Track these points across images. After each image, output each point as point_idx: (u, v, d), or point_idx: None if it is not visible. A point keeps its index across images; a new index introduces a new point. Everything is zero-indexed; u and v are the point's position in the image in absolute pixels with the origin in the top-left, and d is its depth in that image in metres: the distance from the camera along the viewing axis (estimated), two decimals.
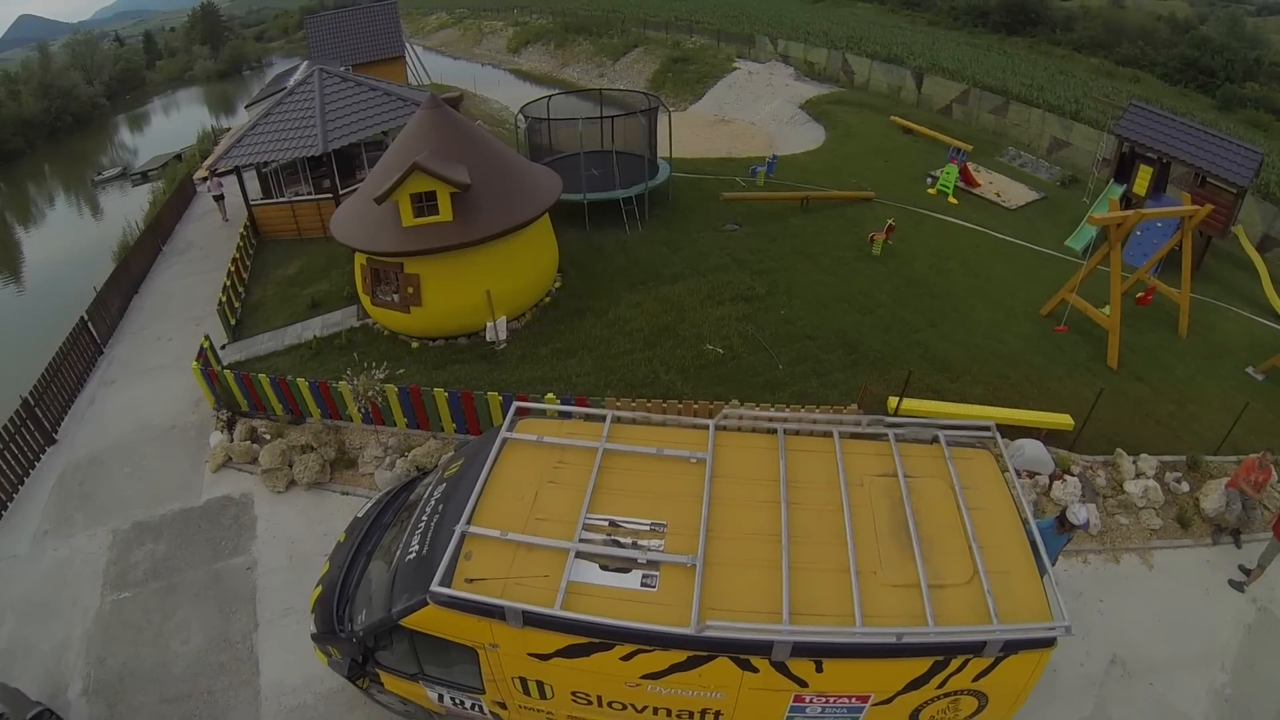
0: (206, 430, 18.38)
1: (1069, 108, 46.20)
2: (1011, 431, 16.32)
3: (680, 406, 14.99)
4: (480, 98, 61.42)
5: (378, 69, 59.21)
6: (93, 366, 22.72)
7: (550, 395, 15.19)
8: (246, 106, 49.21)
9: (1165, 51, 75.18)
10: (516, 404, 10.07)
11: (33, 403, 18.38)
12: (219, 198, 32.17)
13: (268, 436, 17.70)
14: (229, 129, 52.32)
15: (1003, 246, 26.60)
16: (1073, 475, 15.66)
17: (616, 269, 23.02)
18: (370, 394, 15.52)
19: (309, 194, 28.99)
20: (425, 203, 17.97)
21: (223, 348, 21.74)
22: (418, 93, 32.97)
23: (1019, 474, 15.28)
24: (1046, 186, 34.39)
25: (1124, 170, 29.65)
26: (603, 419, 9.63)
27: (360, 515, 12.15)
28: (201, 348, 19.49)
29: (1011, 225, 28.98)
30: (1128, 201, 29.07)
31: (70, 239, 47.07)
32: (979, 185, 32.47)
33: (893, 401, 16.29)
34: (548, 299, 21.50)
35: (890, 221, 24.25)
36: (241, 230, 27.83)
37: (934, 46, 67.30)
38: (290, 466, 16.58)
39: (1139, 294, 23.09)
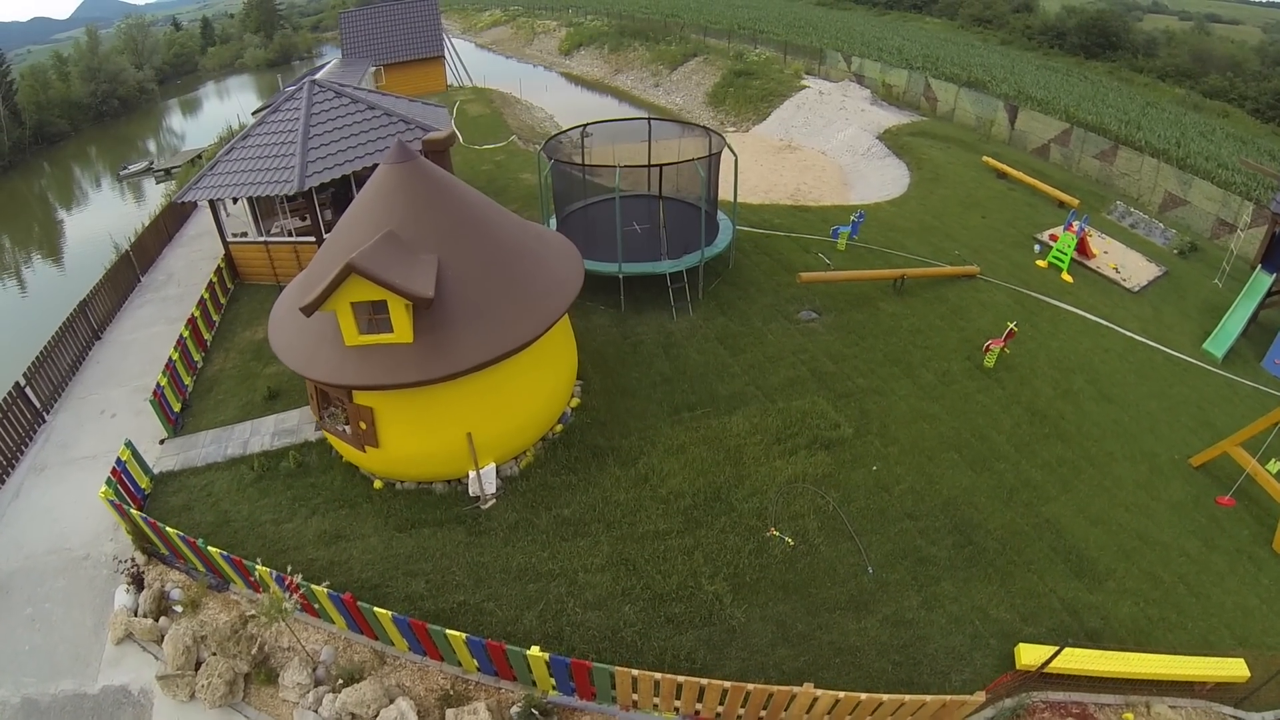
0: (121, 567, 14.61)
1: (1174, 153, 40.14)
2: (1175, 689, 12.09)
3: (728, 688, 9.99)
4: (524, 104, 57.22)
5: (414, 69, 55.74)
6: (29, 441, 18.99)
7: (535, 650, 10.32)
8: (253, 113, 45.40)
9: (1256, 85, 69.09)
10: None
11: None
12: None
13: (179, 609, 13.63)
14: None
15: (1133, 350, 21.29)
16: None
17: (655, 380, 17.82)
18: (275, 616, 10.88)
19: (289, 232, 24.25)
20: (374, 315, 12.71)
21: (161, 443, 17.91)
22: (433, 109, 28.35)
23: None
24: (1164, 256, 28.85)
25: (1275, 255, 24.13)
26: None
27: None
28: (119, 461, 15.48)
29: (1137, 315, 23.61)
30: (1271, 293, 23.87)
31: (85, 235, 45.99)
32: (1094, 255, 27.06)
33: (1024, 653, 11.41)
34: (559, 427, 16.29)
35: (1011, 326, 19.01)
36: (212, 276, 23.37)
37: (1015, 70, 61.08)
38: (196, 669, 12.26)
39: None
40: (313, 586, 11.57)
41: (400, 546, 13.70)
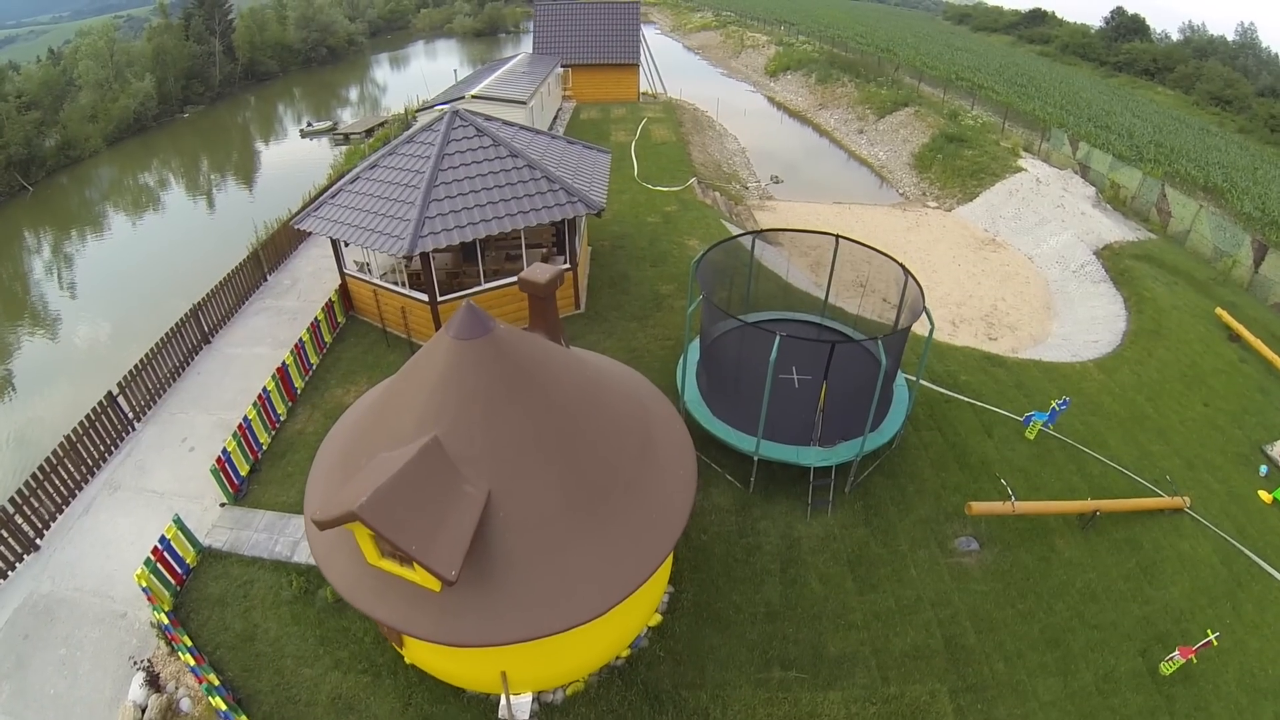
0: (152, 642, 13.65)
1: None
2: None
3: None
4: (716, 130, 54.28)
5: (605, 74, 53.93)
6: (113, 450, 18.40)
7: None
8: (417, 111, 44.09)
9: None
10: None
11: (12, 510, 14.99)
12: None
13: None
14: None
15: None
16: None
17: (758, 614, 14.20)
18: None
19: (399, 283, 21.93)
20: (396, 550, 9.43)
21: (222, 505, 16.61)
22: (592, 158, 25.27)
23: None
24: None
25: None
26: None
27: None
28: (163, 539, 14.22)
29: None
30: None
31: (272, 170, 51.19)
32: None
33: None
34: (627, 652, 13.17)
35: (1212, 638, 14.03)
36: (319, 314, 21.57)
37: (1259, 176, 50.62)
38: None
39: None
40: None
41: None
